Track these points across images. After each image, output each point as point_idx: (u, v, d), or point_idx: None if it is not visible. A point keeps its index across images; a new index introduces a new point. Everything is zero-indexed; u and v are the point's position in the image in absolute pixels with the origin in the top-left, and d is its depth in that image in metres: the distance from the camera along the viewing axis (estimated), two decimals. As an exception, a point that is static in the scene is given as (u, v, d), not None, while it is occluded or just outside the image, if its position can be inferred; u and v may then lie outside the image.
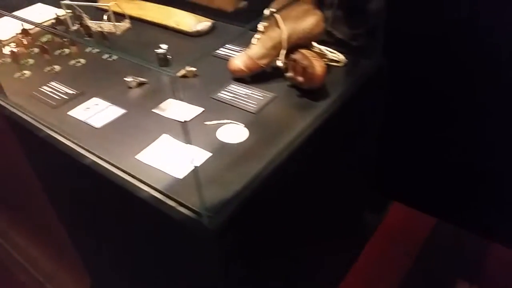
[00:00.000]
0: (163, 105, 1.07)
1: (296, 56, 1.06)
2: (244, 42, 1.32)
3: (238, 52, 1.28)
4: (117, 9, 1.44)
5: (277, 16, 1.06)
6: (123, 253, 1.16)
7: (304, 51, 1.07)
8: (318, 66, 1.01)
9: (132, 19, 1.49)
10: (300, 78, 1.04)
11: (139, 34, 1.44)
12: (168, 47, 1.20)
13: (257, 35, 1.10)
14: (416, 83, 1.34)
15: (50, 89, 1.16)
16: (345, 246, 1.58)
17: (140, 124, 1.01)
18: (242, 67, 1.11)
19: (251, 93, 1.09)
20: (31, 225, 1.87)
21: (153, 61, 1.25)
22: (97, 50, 1.36)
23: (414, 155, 1.55)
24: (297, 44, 1.10)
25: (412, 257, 1.76)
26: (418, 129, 1.47)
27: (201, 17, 1.42)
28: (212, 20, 1.42)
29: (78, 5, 1.44)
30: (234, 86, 1.12)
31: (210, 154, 0.90)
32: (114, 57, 1.31)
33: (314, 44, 1.12)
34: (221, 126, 0.98)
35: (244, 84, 1.13)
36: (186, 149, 0.90)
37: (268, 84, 1.12)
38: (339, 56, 1.16)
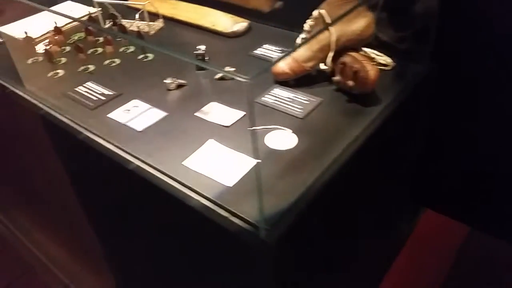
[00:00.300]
0: (205, 108, 1.03)
1: (345, 59, 1.01)
2: (283, 43, 1.28)
3: (278, 53, 1.24)
4: (150, 8, 1.41)
5: (326, 16, 1.01)
6: (158, 260, 1.12)
7: (353, 53, 1.02)
8: (371, 70, 0.96)
9: (165, 18, 1.46)
10: (350, 83, 0.99)
11: (173, 34, 1.40)
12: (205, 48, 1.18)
13: (303, 36, 1.06)
14: (462, 89, 1.29)
15: (86, 90, 1.13)
16: (379, 254, 1.53)
17: (183, 128, 0.97)
18: (287, 70, 1.07)
19: (296, 97, 1.04)
20: (57, 224, 1.85)
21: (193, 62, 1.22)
22: (131, 50, 1.32)
23: (449, 161, 1.50)
24: (345, 47, 1.05)
25: (445, 266, 1.70)
26: (455, 135, 1.42)
27: (237, 18, 1.38)
28: (248, 21, 1.38)
29: (110, 3, 1.41)
30: (277, 89, 1.08)
31: (257, 161, 0.86)
32: (150, 57, 1.27)
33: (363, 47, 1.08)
34: (268, 131, 0.94)
35: (287, 88, 1.08)
36: (233, 155, 0.86)
37: (313, 88, 1.08)
38: (387, 60, 1.11)
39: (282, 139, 0.92)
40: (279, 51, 1.25)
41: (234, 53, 1.27)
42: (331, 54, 1.04)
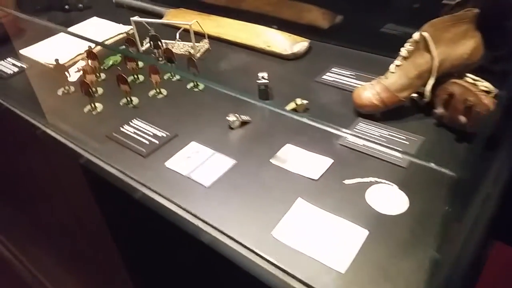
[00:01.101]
0: (280, 153, 0.85)
1: (453, 88, 0.82)
2: (353, 65, 1.10)
3: (352, 78, 1.05)
4: (191, 27, 1.23)
5: (429, 38, 0.82)
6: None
7: (461, 82, 0.83)
8: (489, 103, 0.77)
9: (209, 38, 1.28)
10: (462, 118, 0.80)
11: (223, 58, 1.23)
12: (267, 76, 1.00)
13: (397, 62, 0.87)
14: None
15: (134, 130, 0.96)
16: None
17: (260, 181, 0.79)
18: (375, 101, 0.88)
19: (389, 135, 0.86)
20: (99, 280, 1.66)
21: (252, 92, 1.04)
22: (178, 77, 1.15)
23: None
24: (447, 73, 0.86)
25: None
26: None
27: (295, 36, 1.20)
28: (308, 40, 1.20)
29: (149, 22, 1.24)
30: (362, 125, 0.89)
31: (367, 232, 0.67)
32: (201, 86, 1.10)
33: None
34: (367, 186, 0.76)
35: (374, 123, 0.90)
36: (334, 222, 0.68)
37: (406, 123, 0.89)
38: (490, 86, 0.91)
39: (387, 197, 0.73)
40: (353, 76, 1.06)
41: (298, 79, 1.09)
42: (431, 82, 0.85)
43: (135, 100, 1.07)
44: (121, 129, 0.96)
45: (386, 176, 0.77)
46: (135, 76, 1.16)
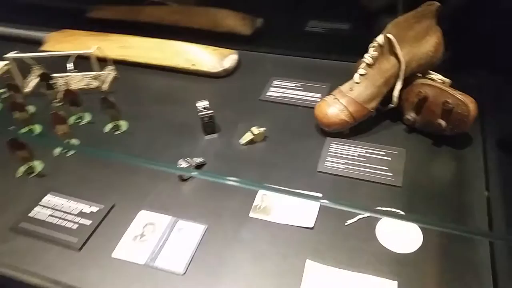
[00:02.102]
0: (258, 201, 0.69)
1: (424, 91, 0.75)
2: (295, 73, 0.98)
3: (300, 91, 0.93)
4: (97, 53, 1.00)
5: (394, 40, 0.73)
6: None
7: (432, 83, 0.76)
8: (471, 104, 0.71)
9: (114, 63, 1.05)
10: (442, 122, 0.73)
11: (138, 85, 1.01)
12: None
13: (361, 70, 0.77)
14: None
15: (50, 211, 0.71)
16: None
17: (248, 246, 0.63)
18: (344, 117, 0.77)
19: (368, 153, 0.76)
20: None
21: (191, 126, 0.85)
22: (87, 119, 0.91)
23: None
24: (413, 74, 0.79)
25: None
26: None
27: (221, 49, 1.04)
28: (235, 51, 1.05)
29: (31, 57, 0.97)
30: (335, 145, 0.78)
31: (396, 284, 0.56)
32: (123, 127, 0.88)
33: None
34: (373, 222, 0.64)
35: (346, 141, 0.79)
36: (358, 283, 0.55)
37: (376, 135, 0.80)
38: (444, 79, 0.86)
39: (399, 231, 0.63)
40: (299, 87, 0.94)
41: (239, 99, 0.93)
42: (399, 87, 0.77)
43: (37, 165, 0.80)
44: (31, 214, 0.70)
45: (385, 201, 0.67)
46: (31, 128, 0.89)
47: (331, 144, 0.78)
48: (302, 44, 1.07)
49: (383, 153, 0.75)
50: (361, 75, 0.77)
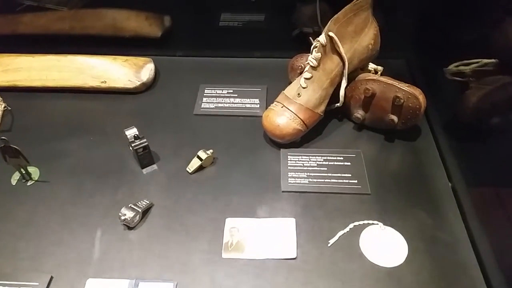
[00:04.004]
0: (227, 237, 0.61)
1: (371, 87, 0.73)
2: (222, 78, 0.90)
3: (233, 97, 0.85)
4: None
5: (336, 39, 0.69)
6: None
7: (377, 77, 0.75)
8: (420, 95, 0.71)
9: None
10: (393, 117, 0.72)
11: (37, 116, 0.83)
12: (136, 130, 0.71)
13: (306, 74, 0.72)
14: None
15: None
16: None
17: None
18: (297, 126, 0.72)
19: (326, 162, 0.72)
20: None
21: (120, 159, 0.72)
22: (-16, 173, 0.72)
23: None
24: (355, 70, 0.77)
25: None
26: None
27: (133, 58, 0.90)
28: (148, 58, 0.92)
29: None
30: (292, 158, 0.73)
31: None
32: (35, 175, 0.71)
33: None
34: (353, 237, 0.61)
35: (300, 151, 0.74)
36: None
37: (327, 138, 0.77)
38: (378, 68, 0.86)
39: (384, 243, 0.61)
40: (233, 94, 0.86)
41: (170, 118, 0.82)
42: (344, 85, 0.74)
43: None
44: None
45: (358, 213, 0.64)
46: None
47: (288, 157, 0.72)
48: (221, 42, 0.98)
49: (341, 158, 0.72)
50: (306, 78, 0.72)
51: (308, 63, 0.71)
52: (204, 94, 0.86)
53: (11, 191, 0.69)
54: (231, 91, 0.87)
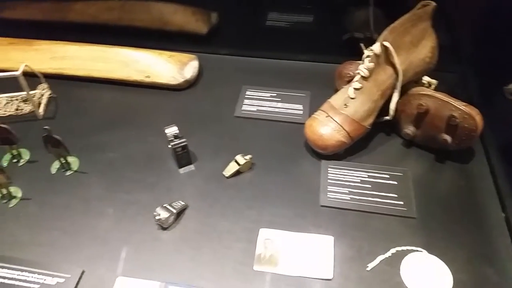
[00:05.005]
0: (260, 248, 0.59)
1: (425, 102, 0.68)
2: (267, 79, 0.87)
3: (276, 101, 0.83)
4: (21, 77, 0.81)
5: (391, 49, 0.65)
6: None
7: (433, 93, 0.70)
8: (477, 116, 0.66)
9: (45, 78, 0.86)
10: (447, 137, 0.68)
11: (81, 106, 0.84)
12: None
13: (356, 84, 0.68)
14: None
15: (-4, 291, 0.55)
16: None
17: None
18: (341, 138, 0.69)
19: (370, 178, 0.68)
20: None
21: (156, 157, 0.71)
22: (27, 157, 0.73)
23: None
24: (409, 82, 0.72)
25: None
26: None
27: (179, 54, 0.89)
28: (194, 55, 0.91)
29: None
30: (333, 171, 0.69)
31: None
32: (75, 166, 0.72)
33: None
34: (395, 263, 0.57)
35: (343, 164, 0.70)
36: None
37: (373, 153, 0.73)
38: (432, 81, 0.81)
39: (427, 273, 0.57)
40: (275, 98, 0.84)
41: (211, 118, 0.81)
42: (396, 99, 0.70)
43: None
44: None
45: (402, 237, 0.60)
46: None
47: (328, 169, 0.69)
48: (266, 42, 0.96)
49: (387, 176, 0.68)
50: (356, 89, 0.68)
51: (359, 72, 0.68)
52: (246, 96, 0.84)
53: (50, 180, 0.69)
54: (275, 94, 0.84)
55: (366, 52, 0.67)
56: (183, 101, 0.84)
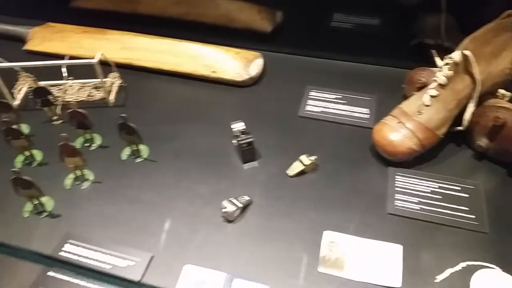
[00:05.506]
0: (325, 250, 0.59)
1: (502, 115, 0.66)
2: (329, 80, 0.87)
3: (342, 104, 0.82)
4: (97, 65, 0.84)
5: (472, 58, 0.63)
6: None
7: (508, 105, 0.67)
8: (559, 132, 0.63)
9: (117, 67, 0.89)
10: (526, 153, 0.65)
11: (149, 97, 0.86)
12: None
13: (432, 91, 0.67)
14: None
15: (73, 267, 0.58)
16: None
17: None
18: (413, 146, 0.67)
19: (440, 189, 0.66)
20: None
21: (222, 152, 0.73)
22: (98, 142, 0.76)
23: None
24: (485, 94, 0.70)
25: None
26: None
27: (245, 52, 0.90)
28: (259, 53, 0.91)
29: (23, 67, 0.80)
30: (401, 178, 0.68)
31: None
32: (144, 153, 0.74)
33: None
34: (465, 278, 0.56)
35: (411, 173, 0.69)
36: None
37: (443, 163, 0.71)
38: (506, 94, 0.77)
39: (495, 286, 0.55)
40: (340, 100, 0.83)
41: (274, 116, 0.81)
42: (471, 109, 0.68)
43: (47, 202, 0.66)
44: (50, 273, 0.57)
45: (473, 252, 0.58)
46: (29, 156, 0.73)
47: (396, 177, 0.68)
48: (331, 43, 0.95)
49: (458, 189, 0.66)
50: (432, 96, 0.66)
51: (436, 79, 0.66)
52: (310, 96, 0.84)
53: (121, 165, 0.72)
54: (340, 96, 0.84)
55: (445, 60, 0.66)
56: (246, 98, 0.85)
